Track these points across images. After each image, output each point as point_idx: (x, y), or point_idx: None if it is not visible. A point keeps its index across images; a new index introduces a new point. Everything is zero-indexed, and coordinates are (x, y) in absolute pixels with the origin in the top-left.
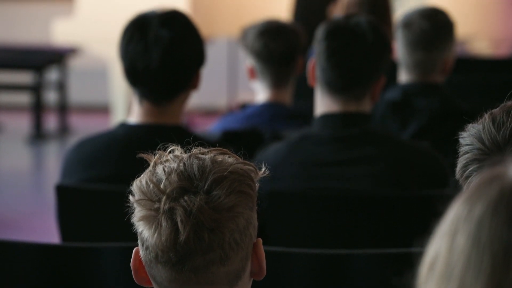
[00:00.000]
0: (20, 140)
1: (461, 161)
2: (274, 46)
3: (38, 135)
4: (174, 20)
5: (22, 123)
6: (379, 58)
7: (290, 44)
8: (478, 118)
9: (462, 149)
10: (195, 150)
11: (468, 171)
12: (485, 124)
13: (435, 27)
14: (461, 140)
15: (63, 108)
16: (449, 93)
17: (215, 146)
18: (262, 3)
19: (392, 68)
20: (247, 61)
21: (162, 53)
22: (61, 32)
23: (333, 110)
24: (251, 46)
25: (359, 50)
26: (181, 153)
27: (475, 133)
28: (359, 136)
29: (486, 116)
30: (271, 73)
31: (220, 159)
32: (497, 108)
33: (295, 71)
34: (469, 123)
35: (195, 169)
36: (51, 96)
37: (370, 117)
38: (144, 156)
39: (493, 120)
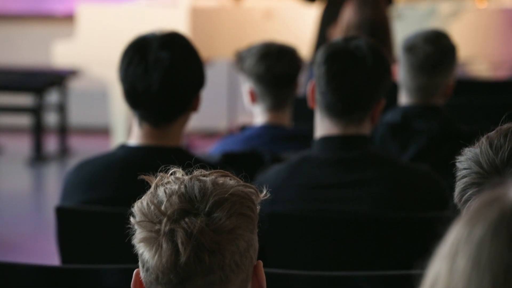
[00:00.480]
0: (21, 162)
1: (459, 185)
2: (278, 68)
3: (38, 157)
4: (174, 42)
5: (22, 145)
6: (379, 82)
7: (292, 65)
8: (476, 141)
9: (460, 173)
10: (196, 172)
11: (466, 195)
12: (483, 147)
13: (439, 52)
14: (458, 164)
15: (63, 130)
16: (448, 115)
17: (216, 168)
18: (262, 27)
19: (392, 90)
20: (245, 85)
21: (162, 75)
22: (61, 54)
23: (332, 133)
24: (251, 69)
25: (359, 74)
26: (182, 175)
27: (473, 156)
28: (359, 158)
29: (483, 139)
30: (272, 95)
31: (221, 181)
32: (494, 131)
33: (294, 93)
34: (469, 145)
35: (196, 191)
36: (51, 118)
37: (369, 139)
38: (145, 178)
39: (491, 144)
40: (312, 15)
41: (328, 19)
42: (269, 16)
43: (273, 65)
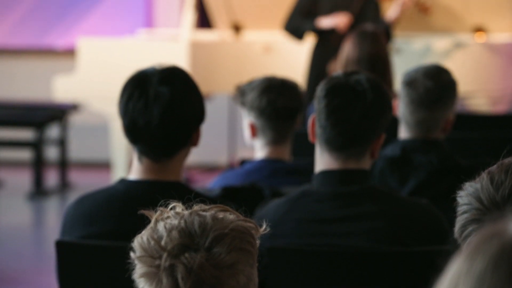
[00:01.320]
0: (21, 196)
1: (459, 221)
2: (279, 102)
3: (38, 191)
4: (174, 77)
5: (22, 179)
6: (379, 117)
7: (294, 99)
8: (476, 175)
9: (460, 209)
10: (196, 207)
11: (467, 231)
12: (484, 183)
13: (439, 87)
14: (459, 199)
15: (63, 164)
16: (448, 150)
17: (215, 203)
18: (262, 61)
19: (392, 124)
20: (246, 119)
21: (162, 110)
22: (62, 88)
23: (332, 167)
24: (253, 103)
25: (359, 108)
26: (182, 209)
27: (473, 192)
28: (358, 193)
29: (484, 174)
30: (273, 129)
31: (221, 216)
32: (495, 166)
33: (294, 127)
34: (468, 179)
35: (196, 226)
36: (52, 152)
37: (369, 173)
38: (145, 212)
39: (492, 180)
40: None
41: (319, 55)
42: (268, 50)
43: (275, 99)
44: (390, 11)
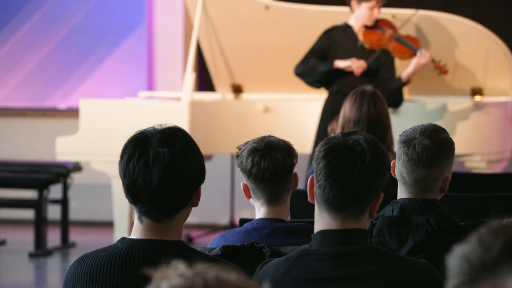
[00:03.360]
0: (23, 255)
1: (449, 285)
2: (266, 165)
3: (40, 250)
4: (174, 138)
5: (25, 238)
6: (378, 176)
7: (280, 162)
8: (467, 238)
9: (451, 272)
10: (198, 267)
11: None
12: (473, 246)
13: (436, 145)
14: (449, 262)
15: (65, 224)
16: (445, 210)
17: (216, 262)
18: (262, 120)
19: (391, 184)
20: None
21: (162, 171)
22: (64, 149)
23: (331, 227)
24: (242, 165)
25: (358, 169)
26: (184, 269)
27: (463, 255)
28: (358, 252)
29: (474, 237)
30: (263, 191)
31: (223, 276)
32: (484, 229)
33: (289, 188)
34: (465, 239)
35: (199, 286)
36: (54, 212)
37: (368, 233)
38: (147, 271)
39: (481, 242)
40: (314, 108)
41: (328, 112)
42: (268, 110)
43: (259, 161)
44: (406, 71)
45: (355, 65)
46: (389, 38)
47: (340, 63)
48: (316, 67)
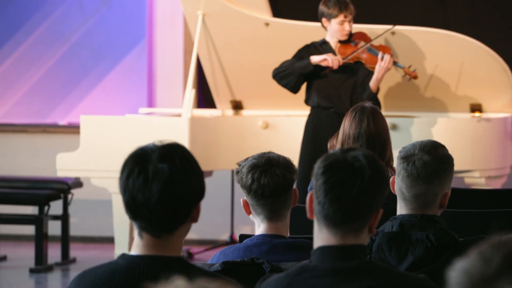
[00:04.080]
0: (24, 271)
1: None
2: (265, 181)
3: (41, 266)
4: (173, 154)
5: (25, 254)
6: (377, 192)
7: (280, 178)
8: (467, 252)
9: (451, 285)
10: (198, 282)
11: None
12: (473, 260)
13: (435, 161)
14: (449, 277)
15: (66, 239)
16: (445, 226)
17: (216, 278)
18: (262, 136)
19: (391, 200)
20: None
21: (162, 187)
22: (65, 165)
23: (331, 243)
24: (241, 181)
25: (358, 185)
26: (184, 284)
27: (463, 269)
28: (357, 268)
29: (474, 252)
30: (263, 207)
31: None
32: (485, 244)
33: (289, 204)
34: (465, 255)
35: None
36: (54, 227)
37: (367, 249)
38: (148, 287)
39: (481, 257)
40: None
41: (309, 128)
42: (268, 126)
43: (259, 177)
44: (372, 78)
45: (331, 58)
46: (362, 50)
47: (316, 58)
48: (292, 65)
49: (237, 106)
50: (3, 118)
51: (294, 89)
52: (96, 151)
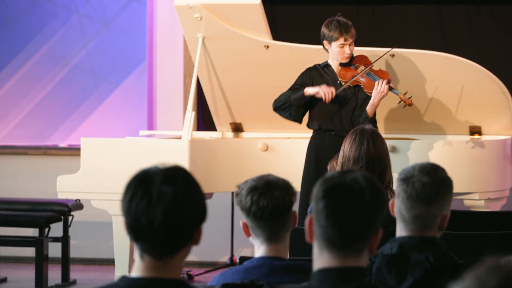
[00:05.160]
0: None
1: None
2: (263, 203)
3: None
4: (177, 177)
5: (26, 276)
6: (377, 213)
7: (279, 200)
8: (463, 275)
9: None
10: None
11: None
12: (470, 283)
13: (435, 182)
14: None
15: (66, 261)
16: (444, 248)
17: None
18: (262, 158)
19: (391, 222)
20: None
21: (165, 210)
22: (65, 187)
23: (331, 265)
24: (241, 203)
25: (358, 206)
26: None
27: None
28: None
29: (470, 275)
30: (262, 229)
31: None
32: (481, 266)
33: (288, 225)
34: (461, 277)
35: None
36: (55, 249)
37: (367, 271)
38: None
39: (476, 280)
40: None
41: (311, 151)
42: (267, 148)
43: (258, 199)
44: (369, 104)
45: (323, 90)
46: (360, 74)
47: (310, 90)
48: (289, 98)
49: (237, 128)
50: (4, 140)
51: (297, 120)
52: (96, 173)
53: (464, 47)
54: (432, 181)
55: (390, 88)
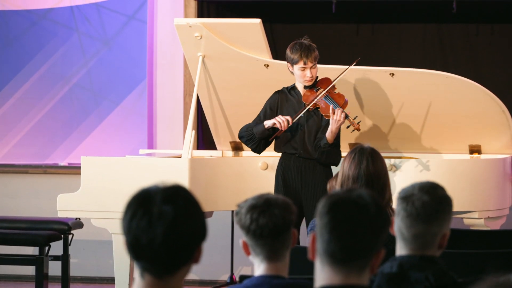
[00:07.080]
0: None
1: None
2: (263, 221)
3: None
4: (177, 196)
5: None
6: (381, 231)
7: (279, 219)
8: None
9: None
10: None
11: None
12: None
13: (434, 201)
14: None
15: (66, 280)
16: (444, 266)
17: None
18: (262, 177)
19: (391, 241)
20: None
21: (165, 229)
22: (66, 205)
23: (333, 282)
24: (240, 222)
25: (363, 222)
26: None
27: None
28: None
29: None
30: (262, 248)
31: None
32: (480, 285)
33: (288, 244)
34: None
35: None
36: (55, 268)
37: None
38: None
39: None
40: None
41: (279, 173)
42: (267, 167)
43: (257, 218)
44: (327, 131)
45: (277, 121)
46: (319, 98)
47: (268, 122)
48: (252, 131)
49: (237, 147)
50: (4, 159)
51: (258, 151)
52: (96, 192)
53: (463, 66)
54: (432, 200)
55: (346, 116)
